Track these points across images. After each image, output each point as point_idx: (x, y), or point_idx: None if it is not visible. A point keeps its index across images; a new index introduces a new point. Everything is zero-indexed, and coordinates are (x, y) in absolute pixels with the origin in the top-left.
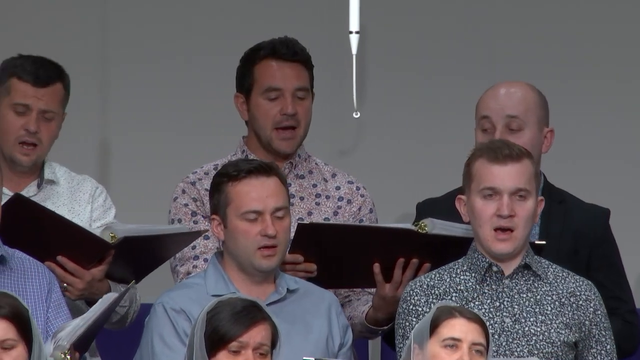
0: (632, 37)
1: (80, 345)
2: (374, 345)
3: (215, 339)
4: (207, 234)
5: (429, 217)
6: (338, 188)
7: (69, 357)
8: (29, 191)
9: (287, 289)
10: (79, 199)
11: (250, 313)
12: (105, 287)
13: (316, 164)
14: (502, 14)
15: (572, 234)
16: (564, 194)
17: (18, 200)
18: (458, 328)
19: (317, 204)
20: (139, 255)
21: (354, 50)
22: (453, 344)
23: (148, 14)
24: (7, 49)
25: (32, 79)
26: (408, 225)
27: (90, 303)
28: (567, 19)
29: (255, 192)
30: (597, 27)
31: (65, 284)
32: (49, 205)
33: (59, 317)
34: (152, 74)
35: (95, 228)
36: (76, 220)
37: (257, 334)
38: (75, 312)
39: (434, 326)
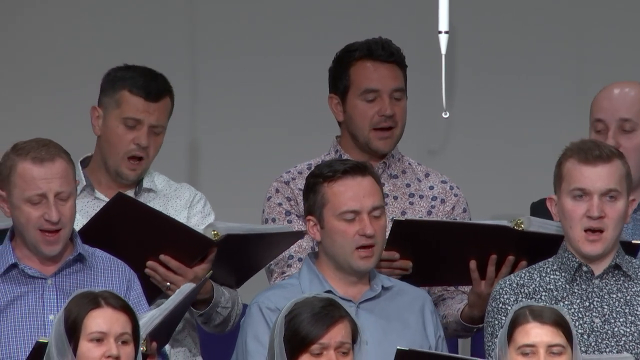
0: None
1: (159, 336)
2: (464, 345)
3: (296, 343)
4: None
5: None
6: (431, 188)
7: (144, 347)
8: None
9: (382, 286)
10: (174, 205)
11: (330, 312)
12: (209, 287)
13: (409, 163)
14: (590, 13)
15: None
16: None
17: (120, 199)
18: (532, 333)
19: (411, 203)
20: (240, 256)
21: (444, 50)
22: (529, 350)
23: (237, 13)
24: (98, 52)
25: (144, 93)
26: (504, 222)
27: (194, 304)
28: None
29: (352, 192)
30: None
31: (168, 283)
32: None
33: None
34: (242, 73)
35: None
36: None
37: (338, 333)
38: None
39: (510, 332)
